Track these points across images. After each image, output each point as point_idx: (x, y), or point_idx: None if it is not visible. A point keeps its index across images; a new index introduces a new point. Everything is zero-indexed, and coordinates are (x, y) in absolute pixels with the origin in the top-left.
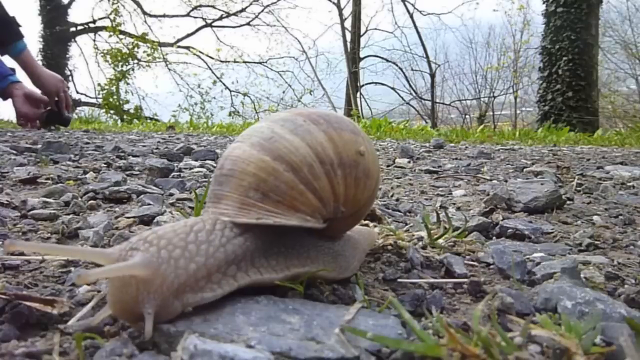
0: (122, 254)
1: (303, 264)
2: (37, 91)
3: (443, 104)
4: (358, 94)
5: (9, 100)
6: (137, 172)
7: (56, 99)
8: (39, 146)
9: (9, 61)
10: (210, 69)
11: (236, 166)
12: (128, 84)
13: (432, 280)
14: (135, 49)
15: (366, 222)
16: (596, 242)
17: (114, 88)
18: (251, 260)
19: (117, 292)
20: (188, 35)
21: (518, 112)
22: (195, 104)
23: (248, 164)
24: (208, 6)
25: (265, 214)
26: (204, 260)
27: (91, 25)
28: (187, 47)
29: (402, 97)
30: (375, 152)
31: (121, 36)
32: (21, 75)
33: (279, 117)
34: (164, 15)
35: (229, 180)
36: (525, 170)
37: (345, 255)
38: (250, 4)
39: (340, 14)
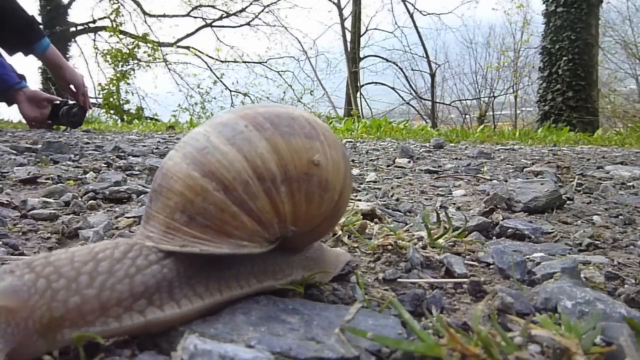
0: None
1: (246, 284)
2: (41, 93)
3: (443, 103)
4: (358, 93)
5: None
6: (137, 172)
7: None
8: (39, 146)
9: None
10: (210, 69)
11: (164, 182)
12: (128, 84)
13: (432, 280)
14: (136, 49)
15: (365, 221)
16: (596, 242)
17: (114, 88)
18: (169, 290)
19: None
20: (188, 35)
21: (518, 112)
22: (196, 104)
23: (176, 180)
24: (208, 6)
25: (191, 240)
26: (97, 292)
27: (91, 25)
28: (187, 47)
29: (402, 97)
30: (341, 158)
31: (121, 36)
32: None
33: (220, 120)
34: (164, 15)
35: (157, 197)
36: (525, 170)
37: (303, 268)
38: (250, 4)
39: (340, 14)
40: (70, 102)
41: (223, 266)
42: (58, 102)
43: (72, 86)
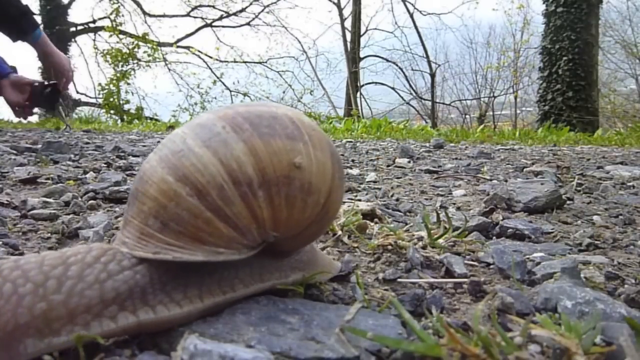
0: None
1: (230, 289)
2: (25, 77)
3: (443, 103)
4: (358, 93)
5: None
6: (137, 172)
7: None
8: (39, 146)
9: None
10: (210, 68)
11: (141, 185)
12: (128, 84)
13: (432, 280)
14: (136, 49)
15: (365, 221)
16: (596, 242)
17: (114, 88)
18: (142, 297)
19: None
20: (188, 35)
21: (518, 112)
22: (195, 103)
23: (150, 184)
24: (208, 6)
25: (164, 247)
26: (64, 298)
27: (91, 25)
28: (187, 47)
29: (402, 97)
30: (328, 159)
31: (121, 36)
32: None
33: (199, 121)
34: (163, 15)
35: (134, 201)
36: (525, 170)
37: (292, 271)
38: (250, 3)
39: (340, 14)
40: (47, 83)
41: (203, 272)
42: (37, 84)
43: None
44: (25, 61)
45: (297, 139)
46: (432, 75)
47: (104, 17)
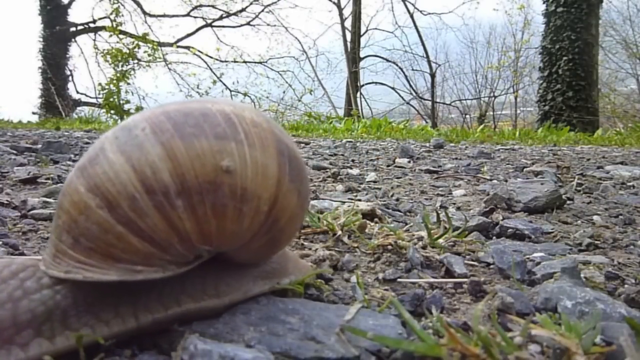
0: None
1: (175, 304)
2: None
3: (443, 103)
4: (358, 93)
5: (7, 101)
6: None
7: None
8: (39, 146)
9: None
10: (210, 68)
11: (60, 197)
12: (128, 84)
13: (432, 280)
14: (136, 49)
15: (365, 220)
16: (596, 242)
17: (114, 88)
18: (63, 320)
19: None
20: (188, 35)
21: (518, 112)
22: None
23: (65, 195)
24: (208, 6)
25: (75, 265)
26: None
27: (91, 25)
28: (187, 47)
29: (402, 97)
30: (271, 160)
31: (121, 36)
32: None
33: (125, 122)
34: (164, 15)
35: (55, 215)
36: (525, 170)
37: (248, 280)
38: (251, 3)
39: (341, 14)
40: None
41: (138, 289)
42: None
43: None
44: (25, 61)
45: (228, 138)
46: (432, 75)
47: (104, 17)
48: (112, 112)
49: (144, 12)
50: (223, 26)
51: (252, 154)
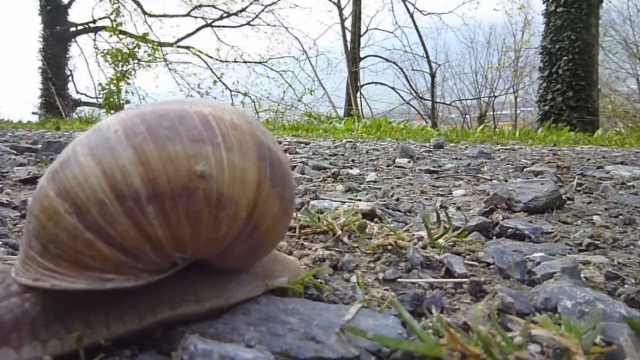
0: None
1: (149, 313)
2: None
3: (443, 103)
4: (358, 93)
5: (7, 101)
6: None
7: None
8: (39, 146)
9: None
10: (210, 68)
11: (32, 200)
12: (129, 84)
13: (432, 280)
14: (136, 49)
15: (365, 220)
16: (596, 242)
17: (114, 88)
18: (31, 329)
19: None
20: (188, 35)
21: (518, 112)
22: None
23: (36, 200)
24: (208, 6)
25: (43, 273)
26: None
27: (91, 25)
28: (187, 47)
29: (402, 97)
30: (250, 164)
31: (121, 36)
32: None
33: (100, 124)
34: (164, 15)
35: (26, 220)
36: (525, 170)
37: (232, 285)
38: (251, 3)
39: (341, 14)
40: None
41: (112, 298)
42: None
43: None
44: (25, 61)
45: (204, 141)
46: (432, 75)
47: (104, 17)
48: (112, 112)
49: (144, 12)
50: (223, 26)
51: (230, 157)
